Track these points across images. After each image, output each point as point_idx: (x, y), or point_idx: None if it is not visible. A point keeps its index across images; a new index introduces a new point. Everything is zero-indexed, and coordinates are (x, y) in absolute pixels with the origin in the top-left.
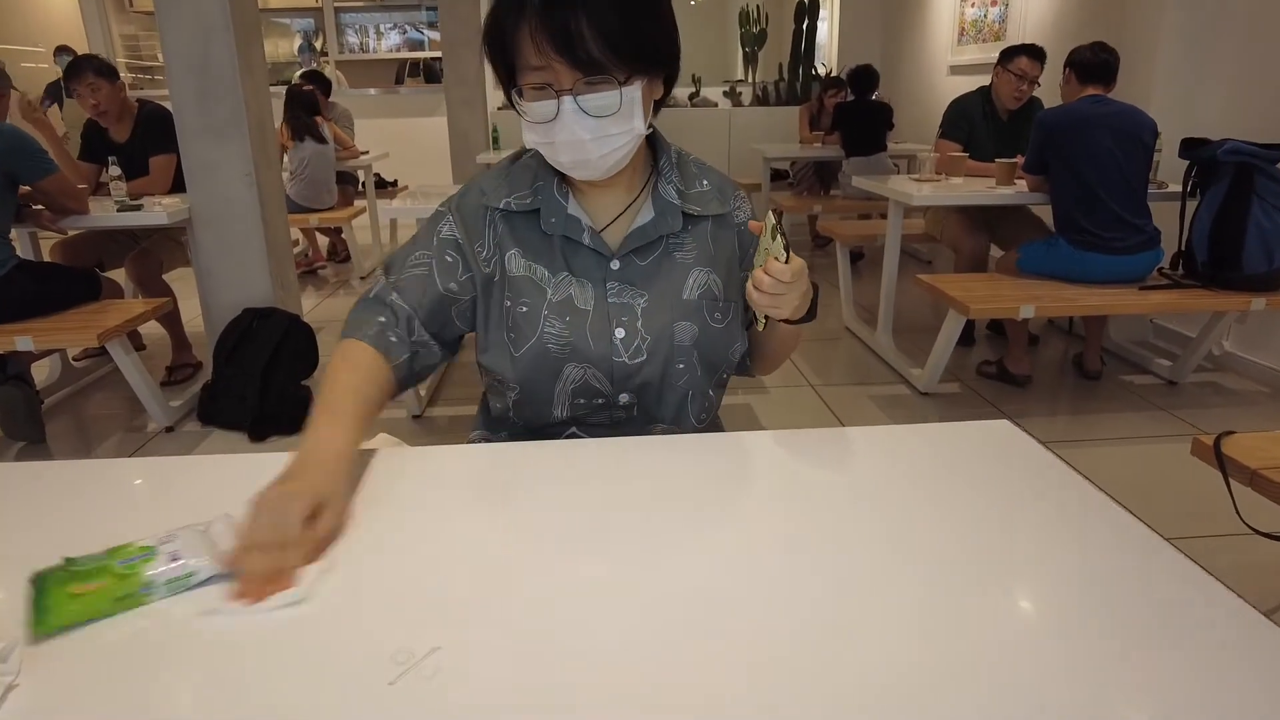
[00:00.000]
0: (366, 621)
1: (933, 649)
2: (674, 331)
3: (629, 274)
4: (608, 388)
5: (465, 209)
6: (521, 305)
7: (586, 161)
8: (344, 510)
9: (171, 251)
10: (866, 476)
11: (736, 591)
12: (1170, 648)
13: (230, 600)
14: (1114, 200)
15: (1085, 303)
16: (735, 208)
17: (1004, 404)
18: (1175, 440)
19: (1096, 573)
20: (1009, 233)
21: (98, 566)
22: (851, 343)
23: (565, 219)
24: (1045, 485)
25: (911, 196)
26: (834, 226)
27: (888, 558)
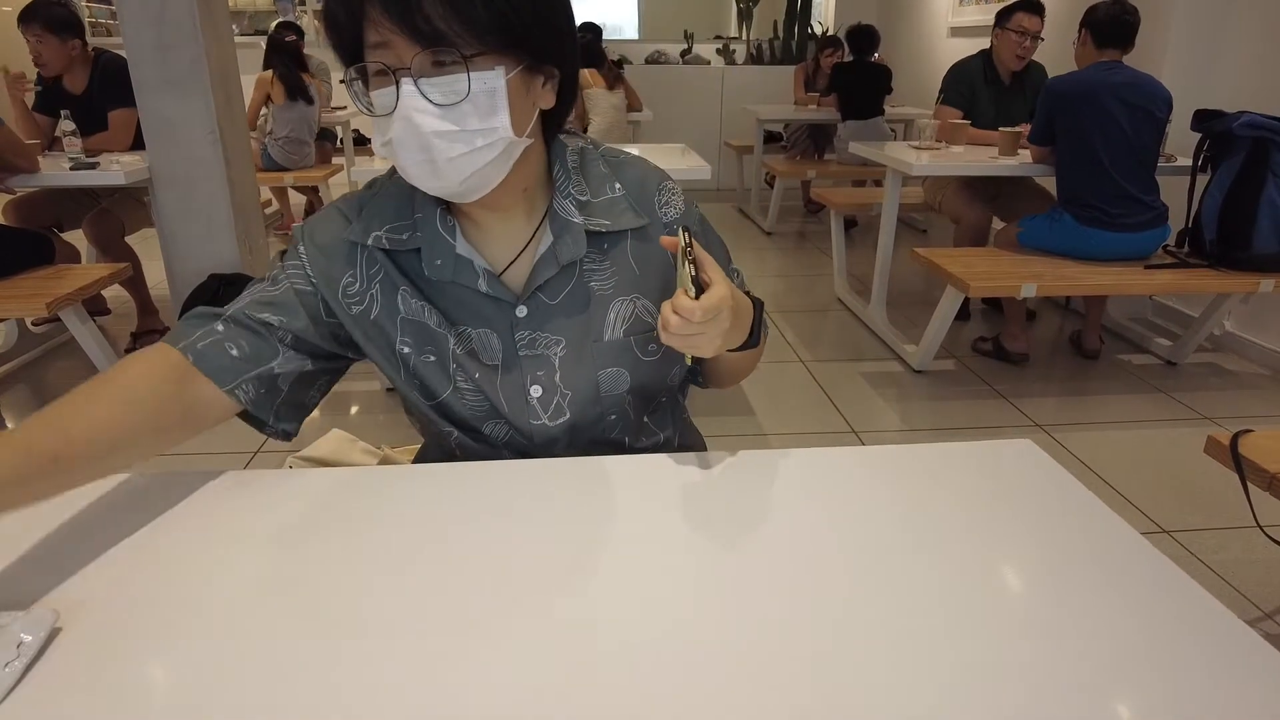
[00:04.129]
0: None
1: (947, 677)
2: (598, 382)
3: (539, 319)
4: (533, 451)
5: (324, 241)
6: (426, 354)
7: (433, 166)
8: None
9: (133, 212)
10: (880, 498)
11: (728, 638)
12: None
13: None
14: (1122, 175)
15: (1089, 282)
16: (661, 206)
17: (1000, 383)
18: (1175, 424)
19: (1120, 608)
20: (1010, 204)
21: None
22: (842, 315)
23: (454, 262)
24: (1067, 513)
25: (911, 165)
26: (828, 193)
27: (897, 587)
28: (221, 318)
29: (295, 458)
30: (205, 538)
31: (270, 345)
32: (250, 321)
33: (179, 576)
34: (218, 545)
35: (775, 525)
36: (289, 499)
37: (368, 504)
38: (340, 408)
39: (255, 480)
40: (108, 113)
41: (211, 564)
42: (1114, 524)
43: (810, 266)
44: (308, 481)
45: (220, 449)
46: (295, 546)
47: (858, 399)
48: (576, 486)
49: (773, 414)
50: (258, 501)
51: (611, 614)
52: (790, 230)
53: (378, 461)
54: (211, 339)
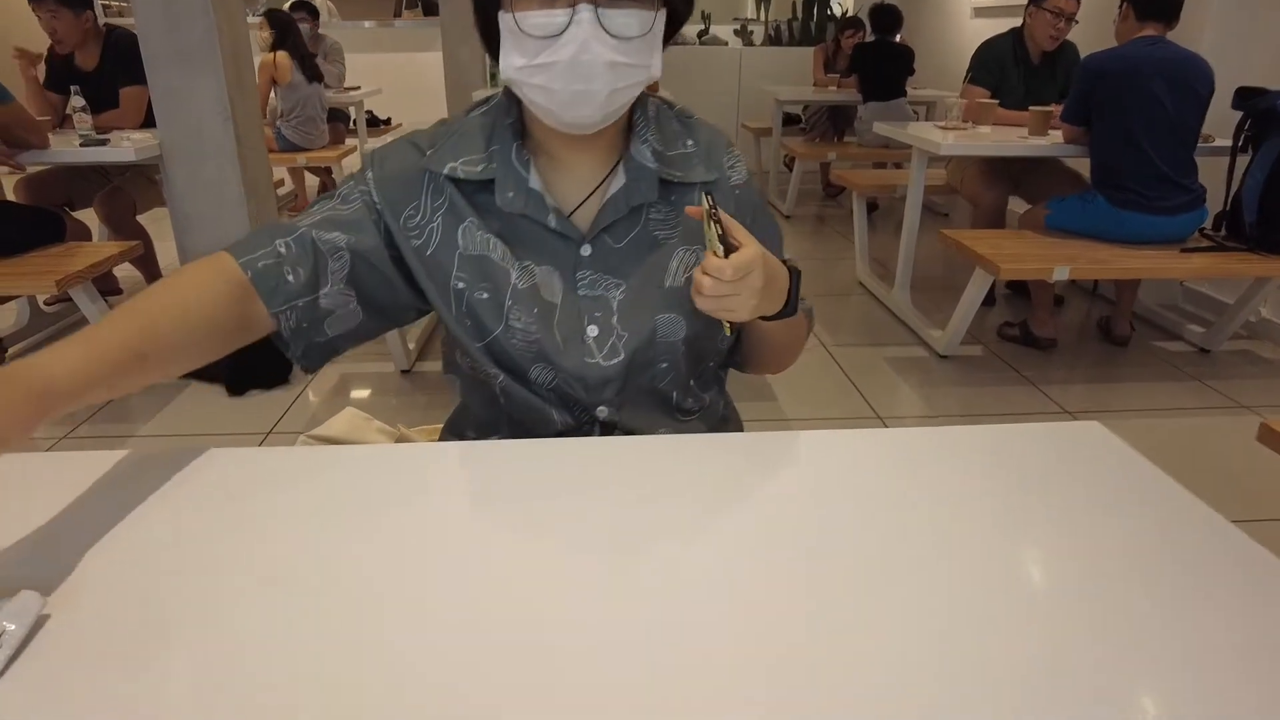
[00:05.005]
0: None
1: (1024, 666)
2: (656, 327)
3: (602, 260)
4: (581, 395)
5: (394, 170)
6: (480, 290)
7: (589, 97)
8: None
9: (145, 190)
10: (946, 480)
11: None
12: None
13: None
14: (1161, 156)
15: (1123, 265)
16: (729, 168)
17: (1027, 369)
18: (1210, 413)
19: (1216, 600)
20: (1036, 186)
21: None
22: (864, 299)
23: (526, 195)
24: (1145, 500)
25: (938, 145)
26: (849, 175)
27: (966, 575)
28: (287, 237)
29: (306, 436)
30: (204, 518)
31: (325, 273)
32: (316, 244)
33: (177, 559)
34: (218, 526)
35: (835, 508)
36: (295, 478)
37: (380, 483)
38: (354, 388)
39: (261, 459)
40: (119, 90)
41: (211, 546)
42: (1199, 510)
43: (830, 250)
44: (317, 459)
45: (234, 429)
46: (304, 529)
47: (882, 384)
48: (606, 465)
49: (795, 399)
50: (264, 480)
51: (649, 600)
52: (808, 214)
53: (393, 442)
54: (273, 260)
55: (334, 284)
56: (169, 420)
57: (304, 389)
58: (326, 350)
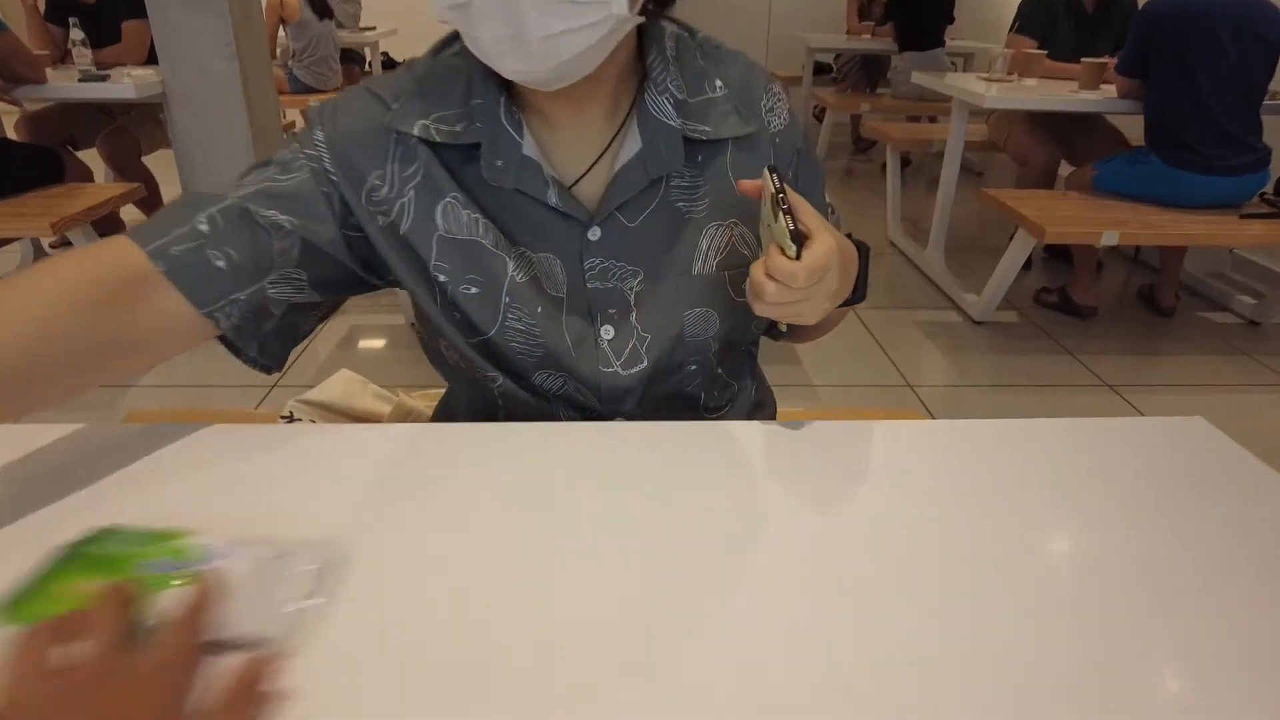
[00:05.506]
0: None
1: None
2: (684, 325)
3: (615, 244)
4: (595, 405)
5: (350, 128)
6: (468, 285)
7: (520, 44)
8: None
9: (150, 131)
10: (1038, 479)
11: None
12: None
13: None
14: (1224, 112)
15: (1175, 231)
16: (767, 112)
17: (1066, 338)
18: (1259, 390)
19: None
20: (1083, 145)
21: (120, 557)
22: (896, 260)
23: (520, 164)
24: (1252, 500)
25: (982, 97)
26: (883, 128)
27: (1067, 580)
28: (212, 208)
29: (296, 401)
30: (162, 503)
31: (266, 256)
32: (253, 219)
33: None
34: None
35: (914, 503)
36: (276, 462)
37: (371, 470)
38: (354, 342)
39: (243, 436)
40: (121, 23)
41: None
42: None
43: (859, 207)
44: (306, 439)
45: (239, 381)
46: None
47: (912, 350)
48: (633, 456)
49: (820, 363)
50: (238, 465)
51: (684, 598)
52: (838, 168)
53: (391, 409)
54: (192, 243)
55: (281, 267)
56: (170, 369)
57: (310, 341)
58: (286, 339)
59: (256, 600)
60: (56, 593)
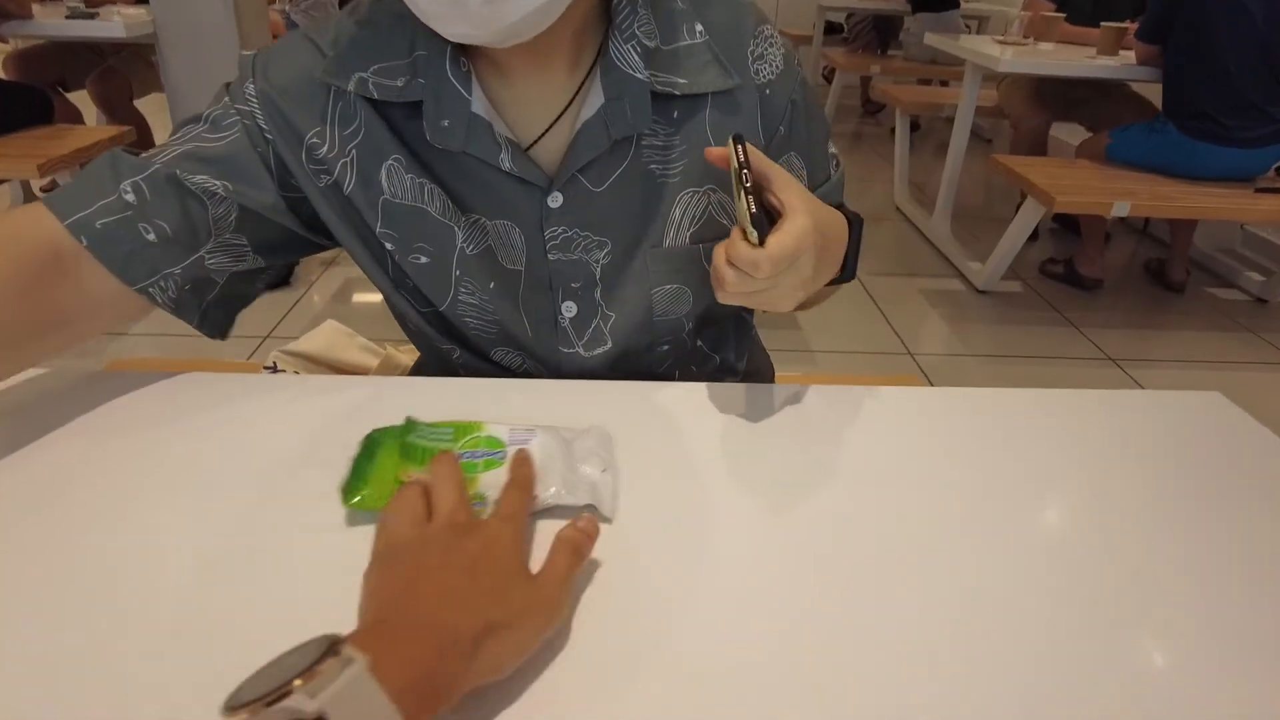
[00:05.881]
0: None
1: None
2: (653, 302)
3: (578, 210)
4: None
5: (285, 80)
6: (416, 254)
7: (459, 6)
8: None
9: (142, 73)
10: (1048, 450)
11: (817, 672)
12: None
13: None
14: (1246, 81)
15: (1188, 203)
16: (755, 60)
17: (1069, 310)
18: (1262, 368)
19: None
20: (1099, 112)
21: (437, 449)
22: (901, 225)
23: (468, 124)
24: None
25: (996, 60)
26: (893, 90)
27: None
28: (136, 176)
29: (280, 353)
30: (141, 455)
31: (201, 225)
32: (182, 186)
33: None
34: (155, 471)
35: (917, 472)
36: (262, 412)
37: (359, 424)
38: (357, 293)
39: (221, 385)
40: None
41: (147, 493)
42: None
43: (866, 171)
44: (290, 389)
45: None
46: (263, 480)
47: (914, 318)
48: (616, 415)
49: (821, 329)
50: (222, 413)
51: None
52: (846, 130)
53: (378, 362)
54: (117, 216)
55: (217, 235)
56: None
57: (307, 290)
58: (228, 306)
59: (563, 473)
60: (392, 477)
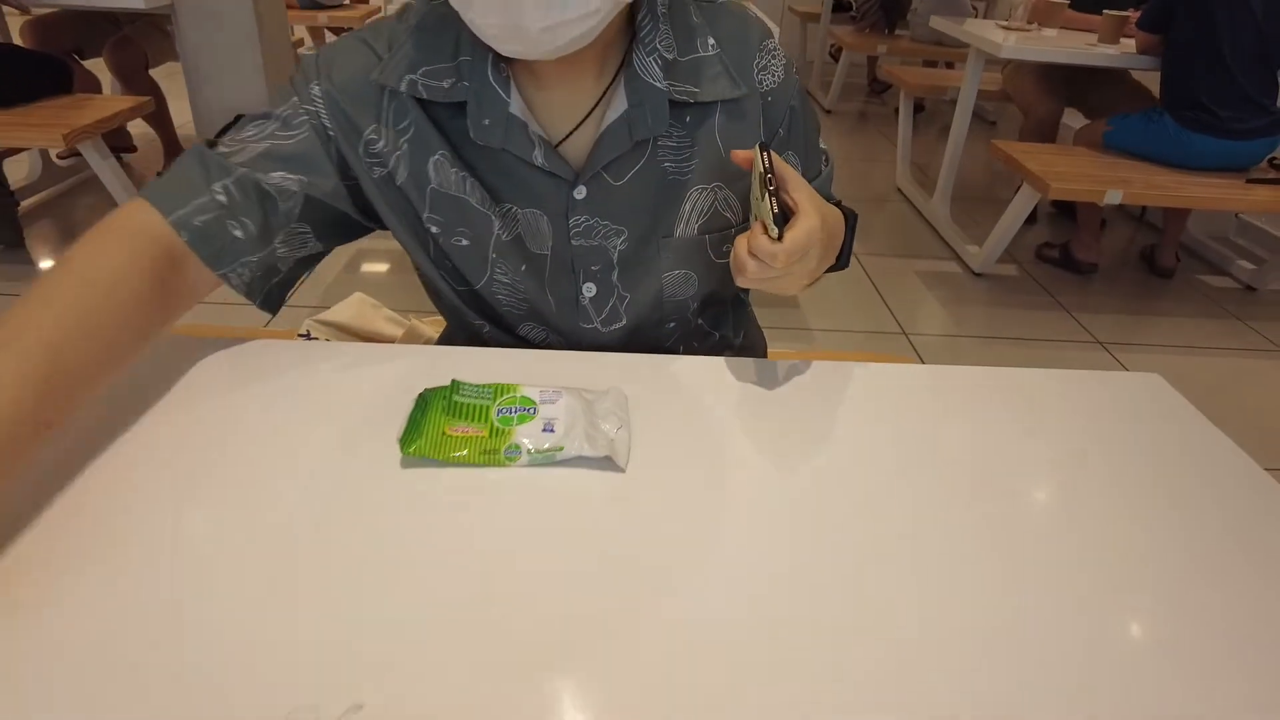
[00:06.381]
0: (254, 663)
1: (1052, 612)
2: (663, 285)
3: (599, 203)
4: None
5: (346, 81)
6: (459, 237)
7: (520, 33)
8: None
9: (158, 43)
10: (979, 430)
11: (798, 604)
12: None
13: None
14: (1243, 72)
15: (1181, 193)
16: (759, 71)
17: (1063, 294)
18: (1246, 355)
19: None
20: (1099, 100)
21: (479, 406)
22: (901, 207)
23: (506, 123)
24: (1194, 455)
25: (999, 46)
26: (899, 72)
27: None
28: (225, 179)
29: (313, 321)
30: (218, 412)
31: (275, 220)
32: (262, 188)
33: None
34: (227, 423)
35: (870, 446)
36: (330, 373)
37: (397, 388)
38: (366, 264)
39: (288, 351)
40: None
41: (217, 446)
42: (1254, 473)
43: (870, 151)
44: (349, 355)
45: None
46: (311, 435)
47: (911, 299)
48: (630, 381)
49: (819, 308)
50: (293, 375)
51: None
52: (851, 110)
53: (403, 333)
54: (212, 214)
55: (288, 227)
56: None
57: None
58: (286, 287)
59: (586, 429)
60: (440, 430)
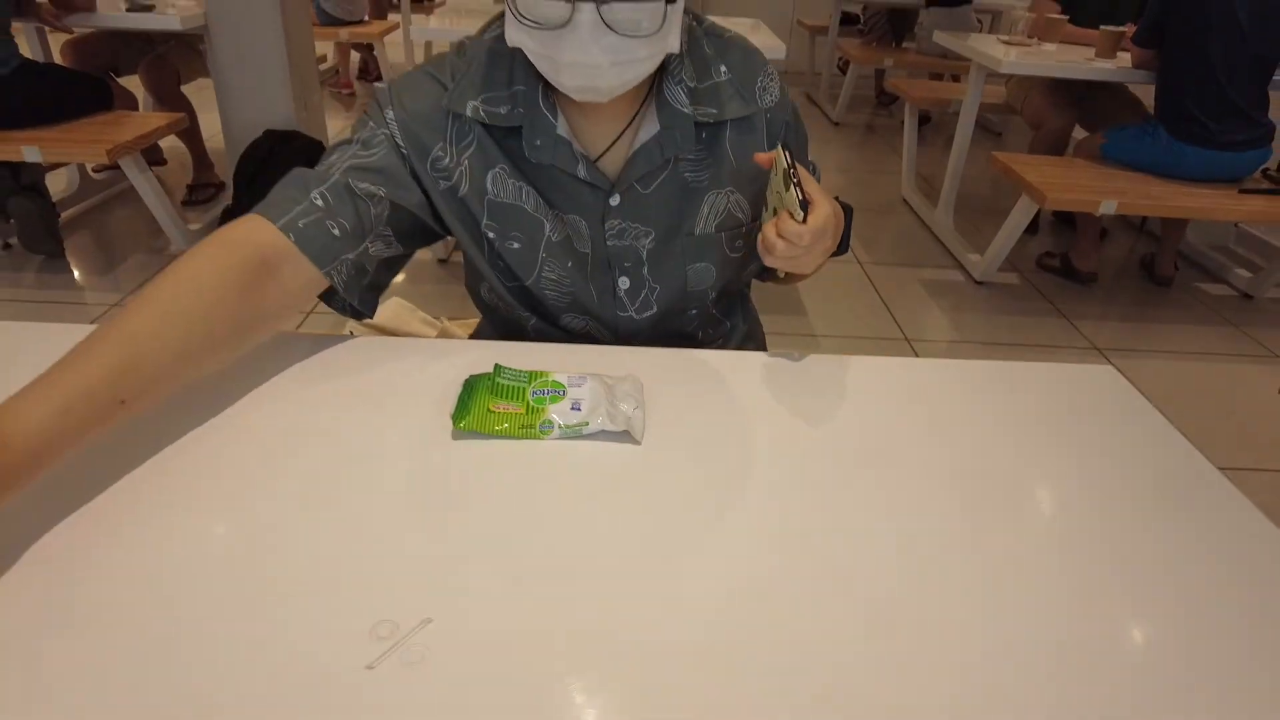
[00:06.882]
0: (341, 587)
1: (994, 603)
2: (687, 277)
3: (630, 208)
4: (611, 340)
5: (415, 109)
6: (512, 240)
7: (595, 91)
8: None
9: (189, 60)
10: (941, 415)
11: (789, 555)
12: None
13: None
14: (1234, 87)
15: (1174, 203)
16: (761, 91)
17: (1063, 302)
18: (1243, 360)
19: (1199, 561)
20: (1098, 112)
21: (517, 388)
22: (906, 217)
23: (555, 143)
24: (1145, 447)
25: (999, 61)
26: (904, 85)
27: (955, 513)
28: (320, 187)
29: (356, 324)
30: (287, 404)
31: (367, 221)
32: (354, 192)
33: (261, 443)
34: (302, 410)
35: (839, 437)
36: (395, 363)
37: (446, 374)
38: (400, 276)
39: (310, 345)
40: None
41: (287, 430)
42: (1196, 462)
43: (876, 162)
44: (404, 348)
45: None
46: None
47: (914, 306)
48: (646, 370)
49: (825, 314)
50: (363, 368)
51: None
52: (859, 122)
53: (436, 333)
54: (313, 216)
55: (378, 229)
56: None
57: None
58: (377, 290)
59: (607, 408)
60: (486, 408)
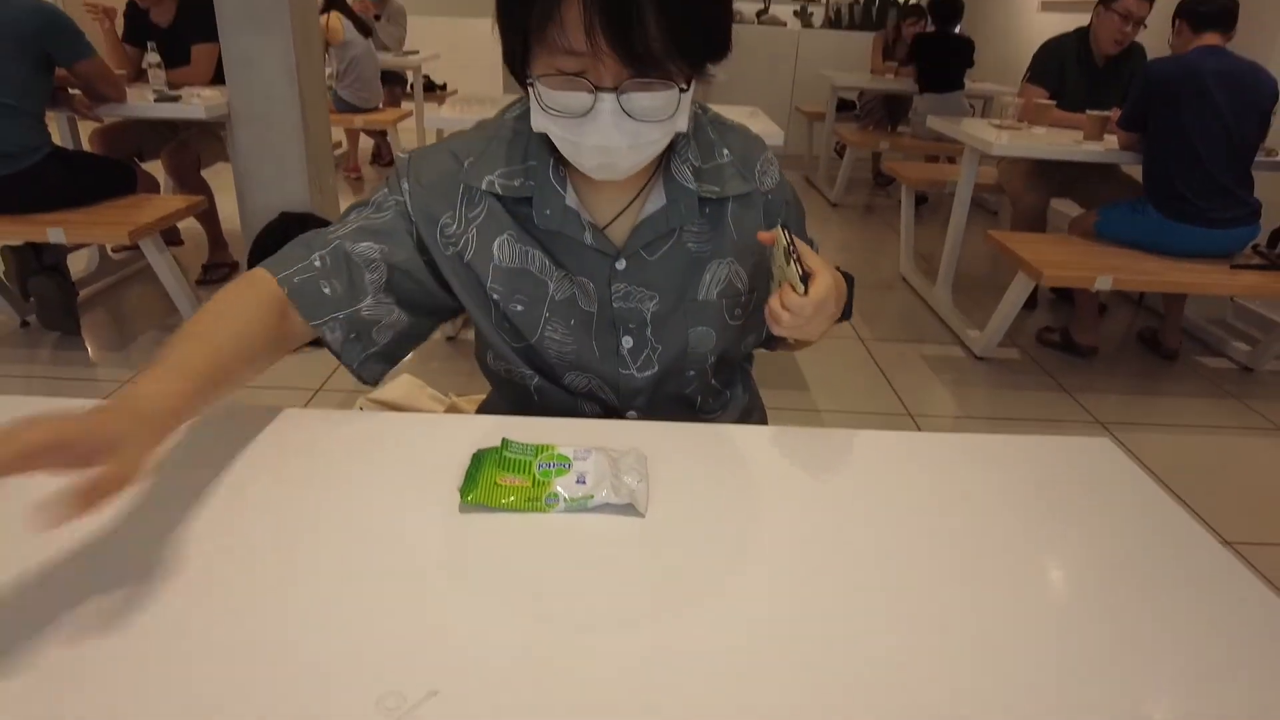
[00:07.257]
0: (349, 657)
1: (1001, 677)
2: (689, 339)
3: (637, 273)
4: (613, 400)
5: (430, 181)
6: (516, 303)
7: (613, 169)
8: (131, 471)
9: (210, 145)
10: (942, 488)
11: (792, 626)
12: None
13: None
14: (1218, 168)
15: (1168, 278)
16: (760, 174)
17: (1064, 376)
18: (1246, 433)
19: (1199, 621)
20: (1090, 190)
21: (523, 461)
22: (906, 294)
23: (564, 212)
24: (1143, 518)
25: (990, 144)
26: (900, 167)
27: (953, 585)
28: (322, 250)
29: (367, 400)
30: (280, 478)
31: (360, 285)
32: (350, 256)
33: (259, 519)
34: (290, 487)
35: (840, 509)
36: (405, 439)
37: (454, 449)
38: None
39: (321, 420)
40: (191, 46)
41: (282, 506)
42: (1195, 532)
43: (875, 241)
44: (416, 423)
45: (282, 384)
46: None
47: (916, 382)
48: (650, 445)
49: (827, 390)
50: (373, 441)
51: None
52: (857, 203)
53: (444, 408)
54: (308, 275)
55: (373, 294)
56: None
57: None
58: (383, 358)
59: (611, 481)
60: (493, 481)
